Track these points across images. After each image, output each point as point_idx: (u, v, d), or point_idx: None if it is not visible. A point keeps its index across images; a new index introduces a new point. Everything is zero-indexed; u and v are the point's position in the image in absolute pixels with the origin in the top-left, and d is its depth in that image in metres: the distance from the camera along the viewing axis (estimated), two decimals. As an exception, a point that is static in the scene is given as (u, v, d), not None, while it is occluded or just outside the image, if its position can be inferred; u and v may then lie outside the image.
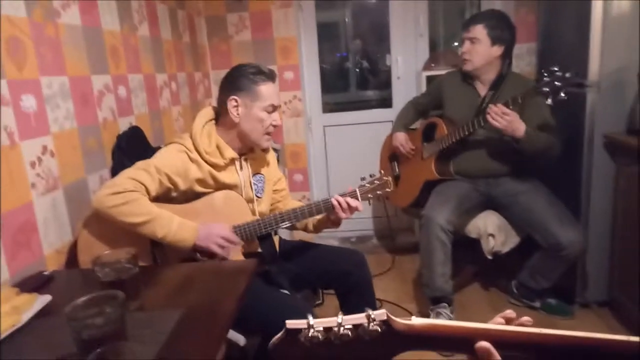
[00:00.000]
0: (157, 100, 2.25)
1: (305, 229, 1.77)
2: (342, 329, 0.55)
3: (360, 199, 1.63)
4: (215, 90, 2.86)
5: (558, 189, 2.20)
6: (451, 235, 2.12)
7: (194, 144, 1.51)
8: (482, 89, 2.23)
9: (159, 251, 1.48)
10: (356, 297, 1.70)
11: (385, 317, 0.57)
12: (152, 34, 2.24)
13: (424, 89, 2.76)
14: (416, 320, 0.57)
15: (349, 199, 1.58)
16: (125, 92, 1.95)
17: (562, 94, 1.81)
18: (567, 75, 1.79)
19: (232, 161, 1.57)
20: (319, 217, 1.70)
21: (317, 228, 1.72)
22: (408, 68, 3.12)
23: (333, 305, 2.20)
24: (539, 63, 2.65)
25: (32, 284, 1.24)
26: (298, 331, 0.56)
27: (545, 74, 1.84)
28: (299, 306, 1.50)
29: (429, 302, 2.22)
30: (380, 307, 2.39)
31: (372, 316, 0.56)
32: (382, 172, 1.65)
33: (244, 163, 1.62)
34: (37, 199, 1.39)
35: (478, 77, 2.22)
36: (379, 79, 3.46)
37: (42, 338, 1.00)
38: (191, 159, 1.50)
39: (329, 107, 3.32)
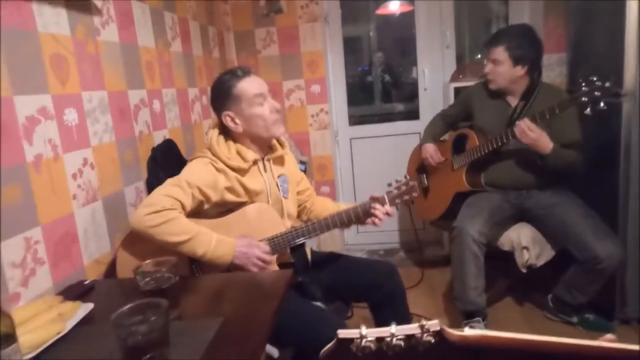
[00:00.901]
0: (189, 114, 2.30)
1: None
2: (394, 339, 0.55)
3: (389, 204, 1.62)
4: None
5: (594, 201, 2.14)
6: (484, 248, 2.08)
7: (216, 155, 1.53)
8: (513, 100, 2.21)
9: (197, 267, 1.49)
10: (389, 309, 1.68)
11: (438, 328, 0.56)
12: (185, 49, 2.30)
13: (451, 100, 2.74)
14: (469, 332, 0.57)
15: (387, 208, 1.58)
16: (159, 106, 2.00)
17: (602, 104, 1.77)
18: (607, 84, 1.76)
19: (255, 163, 1.59)
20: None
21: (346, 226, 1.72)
22: (435, 80, 3.12)
23: (362, 317, 2.18)
24: (570, 73, 2.61)
25: (75, 292, 1.27)
26: (350, 341, 0.56)
27: (584, 84, 1.81)
28: (332, 319, 1.49)
29: (462, 316, 2.17)
30: (411, 321, 2.38)
31: (426, 326, 0.55)
32: (407, 176, 1.65)
33: (266, 164, 1.64)
34: (78, 210, 1.43)
35: (506, 92, 2.21)
36: (404, 91, 3.46)
37: (86, 345, 1.02)
38: (217, 169, 1.51)
39: (355, 120, 3.33)
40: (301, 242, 1.59)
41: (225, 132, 1.61)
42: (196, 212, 1.50)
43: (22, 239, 1.20)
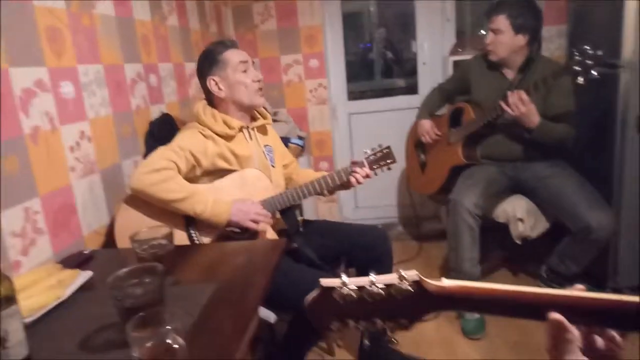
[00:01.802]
0: (186, 89, 2.30)
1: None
2: (374, 287, 0.58)
3: (368, 167, 1.70)
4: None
5: (589, 172, 2.15)
6: (479, 220, 2.11)
7: (203, 123, 1.60)
8: (510, 73, 2.20)
9: (194, 229, 1.52)
10: (375, 270, 1.72)
11: (417, 278, 0.59)
12: (181, 24, 2.29)
13: (450, 74, 2.73)
14: (447, 282, 0.59)
15: (367, 170, 1.66)
16: (156, 80, 2.01)
17: (594, 73, 1.77)
18: (599, 52, 1.75)
19: (240, 130, 1.65)
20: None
21: (331, 192, 1.77)
22: (434, 54, 3.09)
23: None
24: (570, 45, 2.59)
25: (74, 261, 1.30)
26: (332, 289, 0.59)
27: (577, 53, 1.81)
28: (325, 277, 1.53)
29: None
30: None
31: (404, 276, 0.58)
32: (381, 145, 1.73)
33: (252, 132, 1.70)
34: (76, 182, 1.45)
35: (505, 64, 2.20)
36: (404, 66, 3.44)
37: (85, 310, 1.05)
38: (206, 136, 1.57)
39: (354, 96, 3.32)
40: (293, 204, 1.65)
41: (211, 103, 1.67)
42: (189, 179, 1.53)
43: (22, 209, 1.22)
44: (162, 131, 1.90)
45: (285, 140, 2.80)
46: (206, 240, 1.52)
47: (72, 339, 0.93)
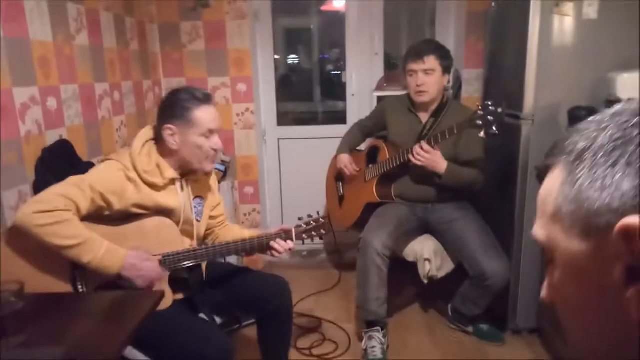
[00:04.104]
0: (94, 111, 2.20)
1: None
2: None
3: (294, 239, 1.65)
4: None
5: (494, 217, 2.23)
6: (387, 260, 2.13)
7: (132, 163, 1.46)
8: (424, 116, 2.26)
9: (80, 273, 1.42)
10: (273, 327, 1.70)
11: None
12: (93, 42, 2.18)
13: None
14: None
15: (289, 243, 1.62)
16: (55, 103, 1.90)
17: (494, 128, 1.84)
18: (499, 110, 1.83)
19: (172, 182, 1.54)
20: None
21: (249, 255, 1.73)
22: (363, 85, 3.13)
23: (244, 335, 2.19)
24: (485, 90, 2.69)
25: None
26: None
27: (480, 108, 1.87)
28: (216, 334, 1.48)
29: (363, 324, 2.22)
30: (319, 327, 2.40)
31: None
32: (319, 213, 1.72)
33: (184, 184, 1.59)
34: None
35: (421, 107, 2.24)
36: (338, 93, 3.46)
37: None
38: (129, 178, 1.45)
39: (286, 118, 3.31)
40: (200, 262, 1.58)
41: (157, 139, 1.55)
42: (95, 217, 1.43)
43: (16, 191, 1.26)
44: (55, 158, 1.80)
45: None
46: (91, 286, 1.43)
47: None
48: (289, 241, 1.61)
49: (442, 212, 2.24)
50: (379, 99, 2.82)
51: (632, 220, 0.36)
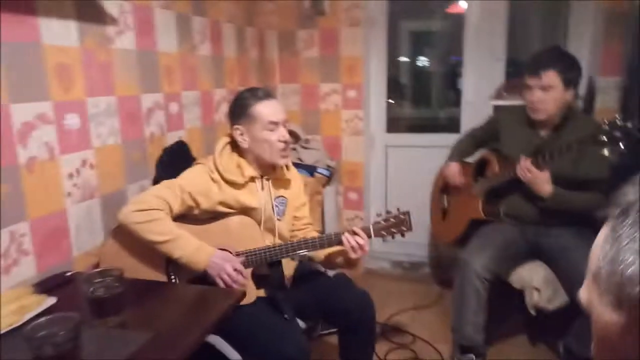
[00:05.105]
0: (212, 115, 2.39)
1: (320, 261, 1.77)
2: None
3: (373, 236, 1.60)
4: (282, 102, 2.97)
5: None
6: (487, 284, 1.97)
7: (214, 165, 1.60)
8: (544, 130, 2.03)
9: (173, 267, 1.58)
10: (355, 339, 1.67)
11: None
12: (215, 52, 2.38)
13: (491, 117, 2.57)
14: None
15: (357, 238, 1.55)
16: (177, 107, 2.11)
17: (622, 146, 1.58)
18: (629, 125, 1.57)
19: (252, 180, 1.63)
20: (334, 250, 1.69)
21: (328, 263, 1.72)
22: (481, 93, 2.93)
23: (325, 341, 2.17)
24: (623, 101, 2.33)
25: (51, 283, 1.40)
26: None
27: (606, 122, 1.63)
28: (295, 337, 1.51)
29: (457, 349, 2.08)
30: (412, 344, 2.31)
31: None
32: (399, 209, 1.63)
33: (265, 183, 1.67)
34: (71, 206, 1.56)
35: (540, 120, 2.02)
36: (453, 99, 3.29)
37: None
38: (213, 180, 1.58)
39: (396, 124, 3.24)
40: (280, 258, 1.62)
41: (235, 143, 1.67)
42: (185, 216, 1.58)
43: (8, 232, 1.34)
44: (172, 158, 1.99)
45: (312, 169, 2.81)
46: (183, 278, 1.56)
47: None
48: (357, 237, 1.55)
49: (557, 237, 1.99)
50: (496, 108, 2.61)
51: None
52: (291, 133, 2.86)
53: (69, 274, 1.49)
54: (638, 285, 0.31)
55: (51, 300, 1.28)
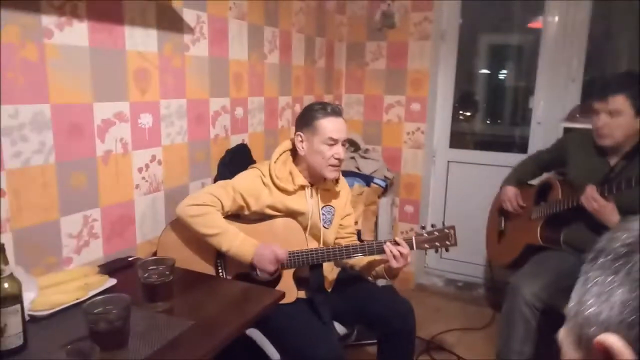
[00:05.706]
0: (275, 120, 2.50)
1: (362, 269, 1.79)
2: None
3: (415, 248, 1.62)
4: (346, 111, 3.03)
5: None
6: (537, 313, 1.89)
7: (269, 170, 1.69)
8: (614, 158, 1.92)
9: (222, 261, 1.68)
10: (394, 349, 1.67)
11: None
12: (282, 60, 2.49)
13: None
14: None
15: (399, 247, 1.57)
16: (242, 112, 2.23)
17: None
18: None
19: (302, 188, 1.71)
20: (376, 259, 1.72)
21: (368, 271, 1.74)
22: (552, 114, 2.80)
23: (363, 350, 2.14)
24: None
25: (115, 266, 1.55)
26: None
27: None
28: (330, 341, 1.55)
29: (502, 378, 2.02)
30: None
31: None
32: (445, 223, 1.65)
33: (314, 192, 1.74)
34: (139, 197, 1.72)
35: (610, 147, 1.91)
36: (522, 118, 3.18)
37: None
38: (264, 184, 1.68)
39: (460, 139, 3.18)
40: (321, 262, 1.68)
41: (293, 150, 1.76)
42: (236, 216, 1.69)
43: (82, 216, 1.51)
44: (233, 159, 2.11)
45: (369, 179, 2.84)
46: (229, 273, 1.66)
47: (66, 337, 1.14)
48: (399, 247, 1.57)
49: (620, 272, 1.87)
50: (566, 130, 2.49)
51: (609, 339, 0.31)
52: (351, 142, 2.92)
53: (130, 259, 1.63)
54: (592, 327, 0.34)
55: (112, 281, 1.42)
